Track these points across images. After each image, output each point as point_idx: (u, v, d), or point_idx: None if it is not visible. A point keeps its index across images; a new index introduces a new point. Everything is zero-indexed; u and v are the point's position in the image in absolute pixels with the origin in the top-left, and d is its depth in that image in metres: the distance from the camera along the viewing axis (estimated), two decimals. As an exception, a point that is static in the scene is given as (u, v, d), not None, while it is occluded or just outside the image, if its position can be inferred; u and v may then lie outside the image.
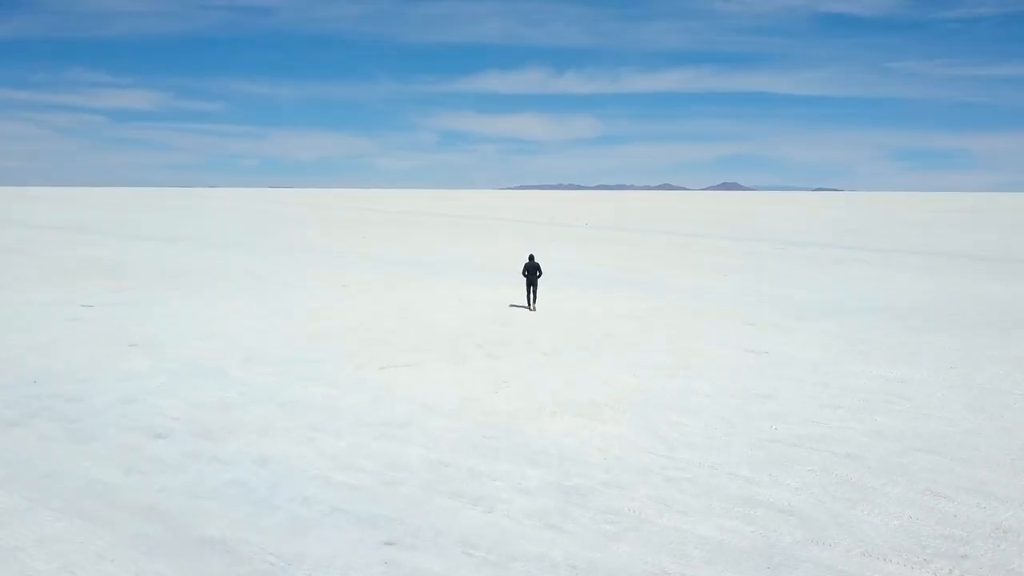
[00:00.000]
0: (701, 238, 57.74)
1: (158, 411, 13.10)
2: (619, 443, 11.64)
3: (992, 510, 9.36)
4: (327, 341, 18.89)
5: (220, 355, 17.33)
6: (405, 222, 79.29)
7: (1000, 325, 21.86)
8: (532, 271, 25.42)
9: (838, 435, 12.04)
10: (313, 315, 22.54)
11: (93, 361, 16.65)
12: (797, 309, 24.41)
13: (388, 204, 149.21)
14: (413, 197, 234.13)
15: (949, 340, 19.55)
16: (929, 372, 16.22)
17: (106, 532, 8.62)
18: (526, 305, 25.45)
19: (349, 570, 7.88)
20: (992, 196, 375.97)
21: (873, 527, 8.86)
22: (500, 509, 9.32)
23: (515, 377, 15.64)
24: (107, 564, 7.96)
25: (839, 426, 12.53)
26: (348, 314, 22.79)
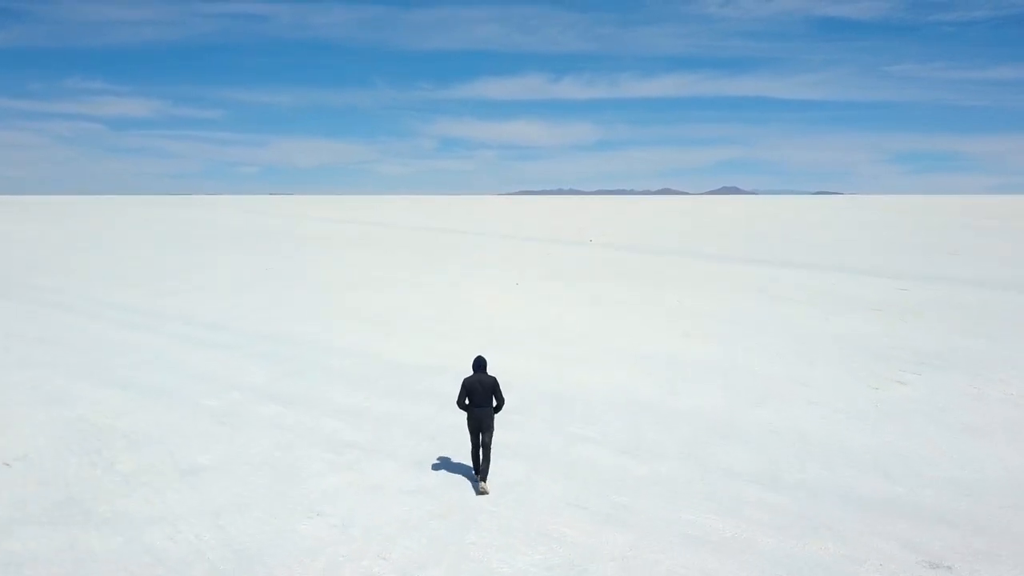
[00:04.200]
0: (757, 265, 39.45)
1: None
2: None
3: None
4: None
5: None
6: (361, 239, 61.01)
7: None
8: (482, 397, 10.58)
9: None
10: None
11: None
12: None
13: (367, 214, 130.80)
14: (403, 205, 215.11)
15: None
16: None
17: None
18: (472, 470, 10.98)
19: None
20: None
21: None
22: None
23: None
24: None
25: None
26: None
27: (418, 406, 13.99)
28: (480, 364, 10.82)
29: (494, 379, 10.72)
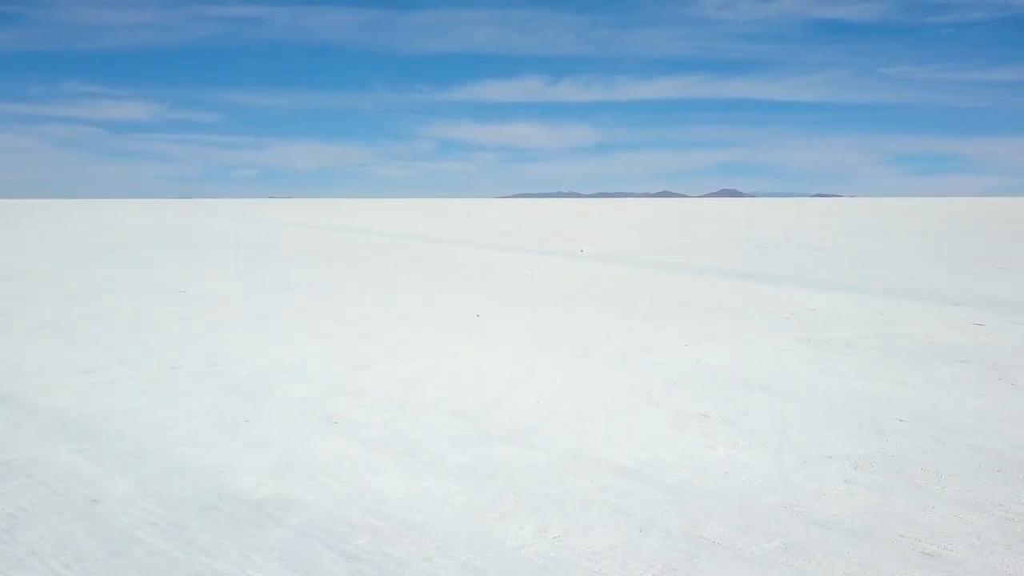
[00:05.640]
0: (777, 284, 32.25)
1: None
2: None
3: None
4: None
5: None
6: (330, 251, 53.64)
7: None
8: None
9: None
10: None
11: None
12: None
13: (357, 218, 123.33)
14: (398, 208, 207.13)
15: None
16: None
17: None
18: None
19: None
20: None
21: None
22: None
23: None
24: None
25: None
26: None
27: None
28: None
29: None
